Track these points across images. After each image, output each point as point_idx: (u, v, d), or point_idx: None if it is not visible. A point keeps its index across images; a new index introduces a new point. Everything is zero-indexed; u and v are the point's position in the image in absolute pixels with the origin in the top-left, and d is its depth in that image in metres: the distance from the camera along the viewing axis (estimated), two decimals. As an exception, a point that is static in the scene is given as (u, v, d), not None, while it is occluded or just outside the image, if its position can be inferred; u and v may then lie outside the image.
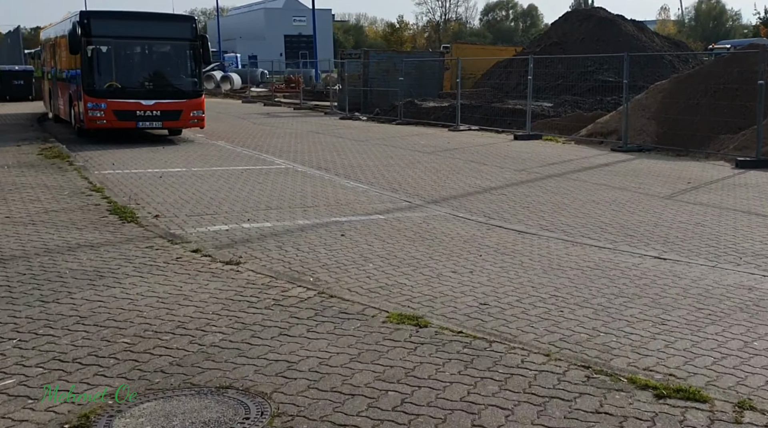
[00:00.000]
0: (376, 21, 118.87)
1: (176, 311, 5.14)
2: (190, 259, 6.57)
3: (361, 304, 5.46)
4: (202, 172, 12.83)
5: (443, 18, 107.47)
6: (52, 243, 6.95)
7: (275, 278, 6.11)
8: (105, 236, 7.36)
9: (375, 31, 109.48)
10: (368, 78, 29.20)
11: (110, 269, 6.14)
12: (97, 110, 16.67)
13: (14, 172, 11.45)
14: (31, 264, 6.17)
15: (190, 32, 17.46)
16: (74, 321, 4.84)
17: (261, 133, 20.67)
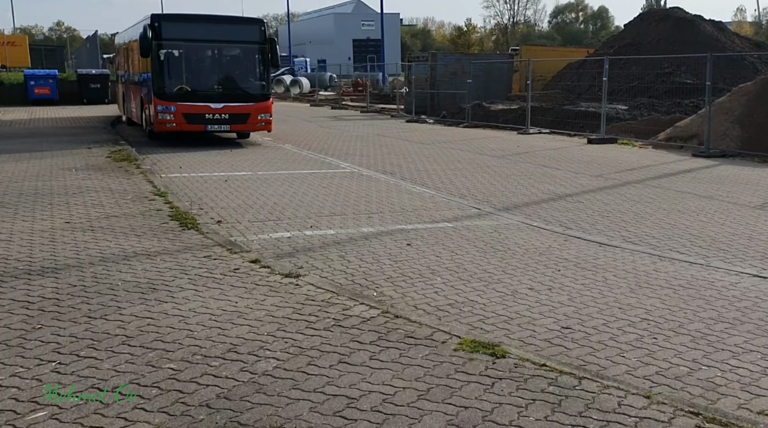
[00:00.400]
0: (444, 25, 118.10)
1: (229, 331, 4.66)
2: (248, 271, 6.11)
3: (430, 327, 4.87)
4: (267, 176, 12.47)
5: (511, 21, 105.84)
6: (109, 251, 6.60)
7: (336, 293, 5.59)
8: (163, 244, 6.98)
9: (442, 35, 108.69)
10: (435, 80, 28.57)
11: (164, 281, 5.72)
12: (167, 113, 16.57)
13: (81, 175, 11.29)
14: (83, 274, 5.81)
15: (259, 35, 17.20)
16: (120, 341, 4.41)
17: (327, 136, 20.31)
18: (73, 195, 9.48)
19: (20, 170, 11.63)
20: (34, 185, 10.18)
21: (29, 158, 13.22)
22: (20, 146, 15.23)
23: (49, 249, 6.60)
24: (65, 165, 12.43)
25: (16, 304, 5.00)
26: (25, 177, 10.93)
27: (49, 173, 11.34)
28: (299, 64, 64.03)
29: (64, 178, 10.87)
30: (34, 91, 31.42)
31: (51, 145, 15.47)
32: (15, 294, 5.24)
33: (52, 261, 6.18)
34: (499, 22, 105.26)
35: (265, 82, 17.67)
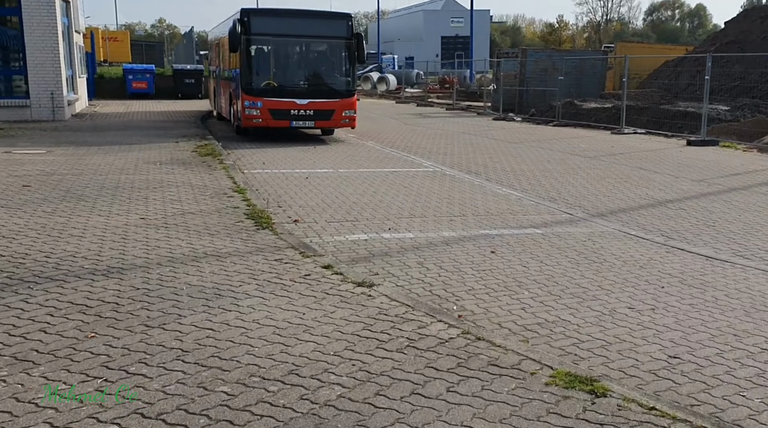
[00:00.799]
0: (534, 22, 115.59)
1: (292, 348, 4.18)
2: (319, 277, 5.62)
3: (517, 353, 4.25)
4: (348, 174, 12.04)
5: (604, 18, 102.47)
6: (179, 250, 6.26)
7: (412, 308, 5.03)
8: (235, 244, 6.60)
9: (532, 32, 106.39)
10: (525, 77, 27.58)
11: (231, 286, 5.31)
12: (253, 109, 16.41)
13: (165, 169, 11.15)
14: (149, 276, 5.46)
15: (346, 30, 16.81)
16: (174, 355, 3.99)
17: (411, 134, 19.77)
18: (153, 189, 9.28)
19: (106, 163, 11.59)
20: (116, 179, 10.06)
21: (117, 151, 13.24)
22: (111, 138, 15.35)
23: (119, 246, 6.32)
24: (151, 158, 12.35)
25: (74, 308, 4.67)
26: (110, 170, 10.86)
27: (133, 167, 11.25)
28: (387, 61, 63.75)
29: (147, 172, 10.73)
30: (132, 85, 32.22)
31: (140, 139, 15.54)
32: (75, 296, 4.93)
33: (119, 260, 5.87)
34: (591, 19, 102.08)
35: (350, 78, 17.27)
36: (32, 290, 5.03)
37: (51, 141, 14.51)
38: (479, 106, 30.77)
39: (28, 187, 9.09)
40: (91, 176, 10.18)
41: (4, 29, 20.49)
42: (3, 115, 19.35)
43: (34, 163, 11.29)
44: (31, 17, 19.19)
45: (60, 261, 5.74)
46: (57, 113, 19.67)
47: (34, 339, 4.15)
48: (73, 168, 10.91)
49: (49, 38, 19.35)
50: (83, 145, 14.05)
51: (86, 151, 13.02)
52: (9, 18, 20.28)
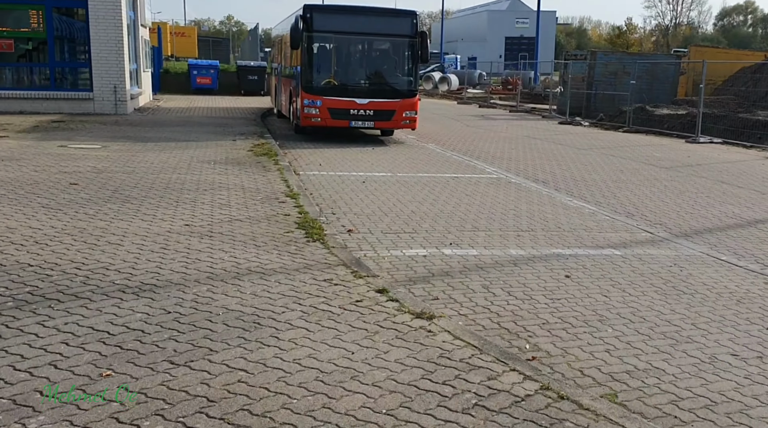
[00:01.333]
0: (600, 24, 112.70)
1: (337, 402, 3.47)
2: (373, 305, 4.91)
3: (609, 421, 3.45)
4: (407, 179, 11.31)
5: (673, 22, 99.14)
6: (220, 265, 5.64)
7: (479, 349, 4.26)
8: (282, 259, 5.95)
9: (598, 34, 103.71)
10: (593, 80, 26.36)
11: (272, 313, 4.64)
12: (312, 107, 15.83)
13: (218, 169, 10.61)
14: (184, 296, 4.83)
15: (410, 28, 16.07)
16: (197, 406, 3.33)
17: (473, 137, 18.91)
18: (203, 191, 8.73)
19: (160, 161, 11.13)
20: (167, 178, 9.56)
21: (173, 148, 12.81)
22: (169, 134, 14.98)
23: (157, 258, 5.72)
24: (205, 157, 11.86)
25: (94, 336, 4.06)
26: (162, 168, 10.38)
27: (186, 166, 10.75)
28: (449, 61, 62.74)
29: (199, 172, 10.21)
30: (196, 80, 32.17)
31: (198, 135, 15.13)
32: (98, 320, 4.32)
33: (154, 275, 5.27)
34: (660, 23, 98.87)
35: (412, 78, 16.53)
36: (53, 309, 4.45)
37: (108, 135, 14.20)
38: (544, 108, 29.65)
39: (75, 186, 8.65)
40: (142, 175, 9.70)
41: (71, 21, 20.46)
42: (66, 108, 19.29)
43: (87, 159, 10.90)
44: (96, 10, 19.05)
45: (90, 275, 5.16)
46: (119, 107, 19.50)
47: (41, 377, 3.54)
48: (125, 165, 10.47)
49: (113, 31, 19.18)
50: (140, 140, 13.69)
51: (142, 148, 12.62)
52: (76, 10, 20.23)
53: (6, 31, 19.06)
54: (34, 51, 20.49)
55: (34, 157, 10.84)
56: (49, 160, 10.64)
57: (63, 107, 19.28)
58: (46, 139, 13.16)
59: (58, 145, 12.38)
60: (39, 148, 11.79)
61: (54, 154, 11.28)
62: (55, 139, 13.22)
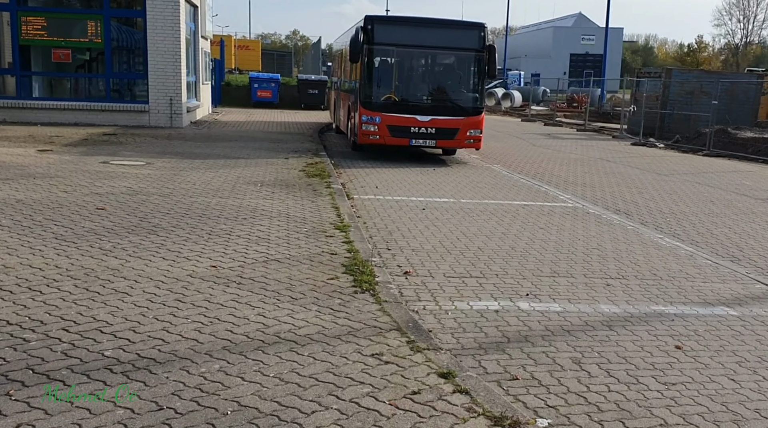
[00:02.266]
0: (667, 42, 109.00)
1: None
2: (435, 400, 3.64)
3: None
4: (472, 206, 10.02)
5: (743, 41, 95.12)
6: (242, 328, 4.46)
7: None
8: (321, 319, 4.74)
9: (665, 52, 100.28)
10: (668, 99, 24.55)
11: (299, 411, 3.41)
12: (371, 124, 14.69)
13: (264, 192, 9.53)
14: (187, 380, 3.65)
15: (478, 41, 14.81)
16: None
17: (541, 157, 17.46)
18: (242, 221, 7.62)
19: (203, 181, 10.12)
20: (206, 203, 8.50)
21: (221, 166, 11.82)
22: (219, 151, 14.05)
23: (167, 316, 4.58)
24: (253, 177, 10.82)
25: (48, 448, 2.92)
26: (203, 190, 9.35)
27: (230, 188, 9.71)
28: (512, 77, 61.05)
29: (243, 196, 9.14)
30: (257, 93, 31.52)
31: (250, 152, 14.15)
32: (61, 421, 3.17)
33: (158, 342, 4.12)
34: (729, 41, 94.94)
35: (477, 95, 15.24)
36: (9, 400, 3.32)
37: (156, 151, 13.34)
38: (613, 128, 27.90)
39: (102, 210, 7.66)
40: (179, 198, 8.67)
41: (131, 31, 19.91)
42: (121, 120, 18.65)
43: (126, 178, 9.97)
44: (154, 20, 18.40)
45: (77, 341, 4.04)
46: (174, 120, 18.77)
47: None
48: (163, 186, 9.48)
49: (171, 42, 18.49)
50: (187, 157, 12.77)
51: (187, 165, 11.67)
52: (135, 20, 19.67)
53: (64, 41, 18.57)
54: (93, 62, 20.02)
55: (70, 174, 9.96)
56: (85, 178, 9.74)
57: (118, 119, 18.65)
58: (90, 153, 12.35)
59: (101, 160, 11.53)
60: (79, 165, 10.94)
61: (92, 171, 10.40)
62: (99, 153, 12.40)
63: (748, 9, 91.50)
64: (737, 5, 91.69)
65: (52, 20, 18.67)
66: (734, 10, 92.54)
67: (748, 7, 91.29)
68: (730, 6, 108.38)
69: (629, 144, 22.47)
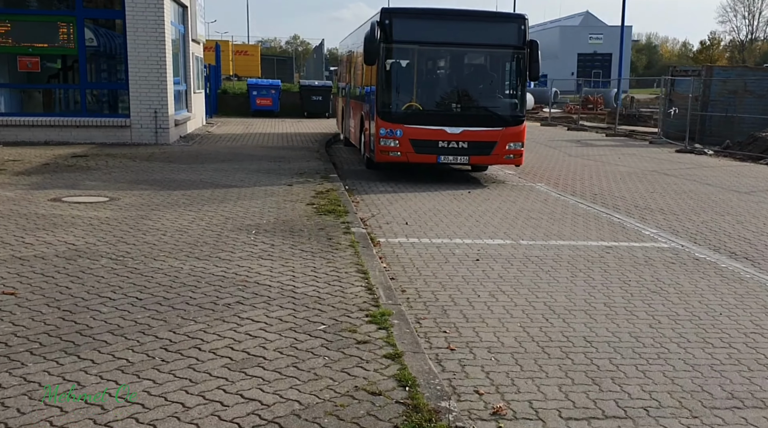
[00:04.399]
0: (668, 40, 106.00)
1: None
2: None
3: None
4: (539, 252, 7.26)
5: (749, 37, 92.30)
6: None
7: None
8: None
9: (669, 51, 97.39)
10: (708, 100, 21.76)
11: None
12: (390, 139, 11.92)
13: (260, 244, 6.76)
14: None
15: (517, 36, 12.04)
16: None
17: (587, 171, 14.67)
18: (220, 312, 4.83)
19: (178, 228, 7.34)
20: (174, 272, 5.71)
21: (206, 200, 9.05)
22: (207, 175, 11.27)
23: None
24: (246, 218, 8.05)
25: None
26: (175, 246, 6.57)
27: (213, 240, 6.92)
28: (519, 78, 58.03)
29: (229, 256, 6.35)
30: (255, 101, 28.69)
31: (245, 176, 11.38)
32: None
33: None
34: (735, 38, 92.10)
35: (517, 100, 12.47)
36: None
37: (129, 178, 10.57)
38: (645, 131, 25.12)
39: (10, 295, 4.88)
40: (136, 265, 5.87)
41: (111, 34, 17.12)
42: (99, 137, 15.88)
43: (74, 227, 7.19)
44: (135, 21, 15.63)
45: None
46: (160, 135, 16.00)
47: None
48: (120, 241, 6.69)
49: (155, 47, 15.72)
50: (166, 186, 10.00)
51: (163, 200, 8.90)
52: (114, 22, 16.88)
53: (31, 47, 15.80)
54: (68, 70, 17.23)
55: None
56: (17, 228, 6.96)
57: (95, 136, 15.89)
58: (43, 185, 9.58)
59: (52, 197, 8.75)
60: (20, 205, 8.17)
61: (33, 215, 7.62)
62: (55, 185, 9.63)
63: (753, 5, 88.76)
64: (742, 1, 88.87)
65: (17, 23, 15.90)
66: (739, 6, 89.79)
67: (753, 3, 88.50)
68: (735, 2, 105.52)
69: (673, 151, 19.65)
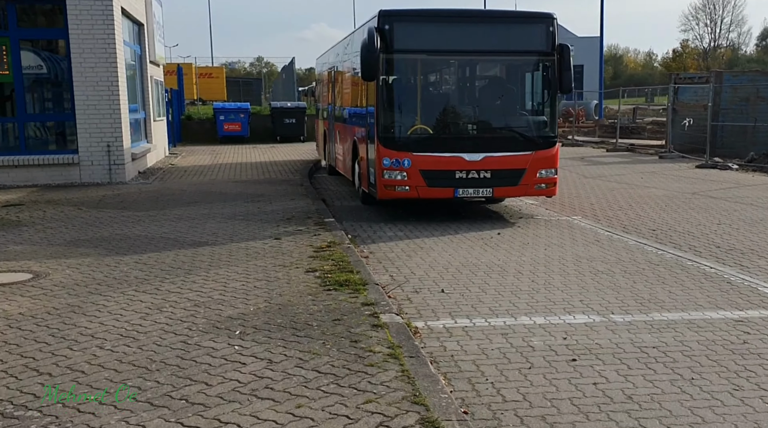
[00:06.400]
0: (629, 51, 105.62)
1: None
2: None
3: None
4: (650, 339, 4.90)
5: (711, 44, 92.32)
6: None
7: None
8: None
9: (634, 61, 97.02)
10: (719, 109, 19.82)
11: None
12: (396, 170, 9.54)
13: (249, 357, 4.30)
14: None
15: (545, 40, 9.77)
16: None
17: (617, 196, 12.44)
18: None
19: (123, 332, 4.83)
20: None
21: (167, 271, 6.54)
22: (169, 228, 8.75)
23: None
24: (224, 303, 5.56)
25: None
26: (115, 374, 4.07)
27: (177, 354, 4.42)
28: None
29: (203, 392, 3.86)
30: (223, 126, 26.07)
31: (218, 226, 8.89)
32: None
33: None
34: (697, 46, 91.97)
35: (547, 118, 10.19)
36: None
37: (68, 237, 8.00)
38: (646, 145, 23.16)
39: None
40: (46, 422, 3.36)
41: (55, 58, 14.48)
42: (42, 178, 13.25)
43: (-42, 338, 4.64)
44: (80, 41, 13.10)
45: None
46: (115, 173, 13.42)
47: None
48: (25, 369, 4.16)
49: (105, 70, 13.19)
50: (114, 248, 7.46)
51: (106, 275, 6.36)
52: (56, 42, 14.28)
53: (-44, 74, 13.15)
54: (6, 101, 14.55)
55: None
56: None
57: (38, 177, 13.25)
58: (-56, 257, 6.98)
59: (-52, 277, 6.17)
60: None
61: None
62: (-39, 255, 7.04)
63: (714, 12, 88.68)
64: (704, 9, 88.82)
65: (-63, 47, 13.27)
66: (701, 14, 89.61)
67: (714, 11, 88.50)
68: (696, 10, 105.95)
69: (692, 166, 17.58)
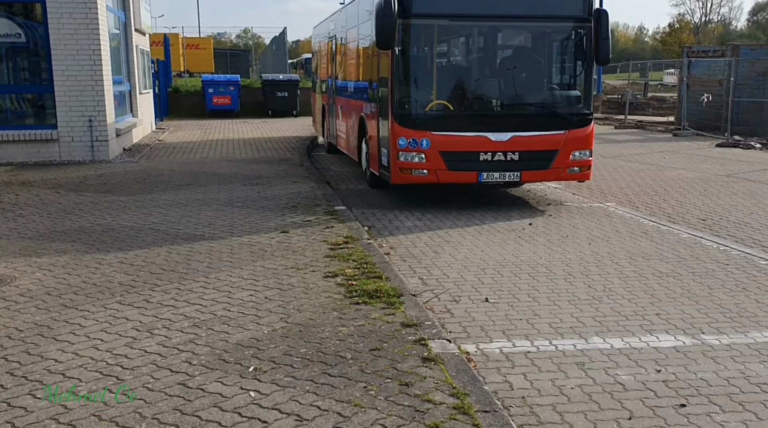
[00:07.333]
0: (618, 26, 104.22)
1: None
2: None
3: None
4: (758, 368, 3.92)
5: (702, 19, 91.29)
6: None
7: None
8: None
9: (625, 35, 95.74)
10: (736, 84, 18.82)
11: None
12: (413, 151, 8.45)
13: (271, 411, 3.27)
14: None
15: (581, 4, 8.69)
16: None
17: (646, 178, 11.44)
18: None
19: (103, 365, 3.78)
20: None
21: (159, 274, 5.47)
22: (160, 216, 7.65)
23: None
24: (231, 323, 4.51)
25: None
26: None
27: (176, 405, 3.38)
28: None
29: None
30: (212, 100, 24.78)
31: (214, 215, 7.80)
32: None
33: None
34: (689, 20, 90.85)
35: (582, 93, 9.11)
36: None
37: (42, 228, 6.89)
38: (655, 122, 22.19)
39: None
40: None
41: (31, 25, 13.15)
42: (18, 155, 12.05)
43: None
44: (58, 4, 11.84)
45: None
46: (97, 150, 12.24)
47: None
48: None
49: (86, 37, 11.94)
50: (95, 243, 6.36)
51: (84, 279, 5.28)
52: (32, 6, 12.94)
53: None
54: (-22, 71, 13.25)
55: None
56: None
57: (13, 154, 12.05)
58: None
59: None
60: None
61: None
62: None
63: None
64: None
65: None
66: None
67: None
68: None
69: (713, 145, 16.61)
